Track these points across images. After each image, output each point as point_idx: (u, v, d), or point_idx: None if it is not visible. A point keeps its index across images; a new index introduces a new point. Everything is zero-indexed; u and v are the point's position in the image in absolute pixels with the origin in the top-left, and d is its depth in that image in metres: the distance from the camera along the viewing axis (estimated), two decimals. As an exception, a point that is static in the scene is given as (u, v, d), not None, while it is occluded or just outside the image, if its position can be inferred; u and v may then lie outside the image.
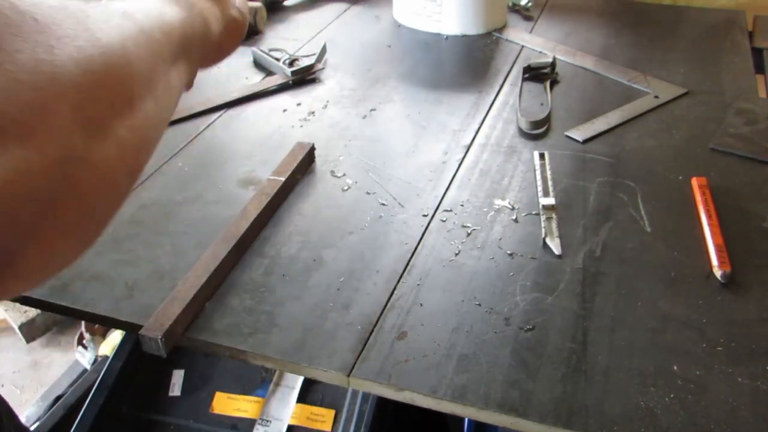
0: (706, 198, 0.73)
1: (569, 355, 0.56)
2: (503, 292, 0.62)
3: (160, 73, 0.35)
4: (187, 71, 0.41)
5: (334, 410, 0.87)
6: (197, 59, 0.45)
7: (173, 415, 0.89)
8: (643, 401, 0.52)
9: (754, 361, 0.55)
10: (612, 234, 0.69)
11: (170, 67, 0.37)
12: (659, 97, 0.95)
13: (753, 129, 0.86)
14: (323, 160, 0.82)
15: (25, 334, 1.70)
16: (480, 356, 0.55)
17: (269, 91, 0.99)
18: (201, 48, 0.45)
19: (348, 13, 1.28)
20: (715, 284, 0.63)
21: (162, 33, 0.37)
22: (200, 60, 0.46)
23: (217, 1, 0.50)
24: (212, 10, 0.48)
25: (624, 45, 1.12)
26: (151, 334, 0.55)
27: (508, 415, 0.51)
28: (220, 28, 0.49)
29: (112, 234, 0.70)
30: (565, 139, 0.86)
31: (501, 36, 1.17)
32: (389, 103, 0.96)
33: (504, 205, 0.74)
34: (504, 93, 0.98)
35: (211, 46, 0.48)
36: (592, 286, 0.63)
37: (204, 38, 0.46)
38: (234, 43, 0.55)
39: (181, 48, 0.40)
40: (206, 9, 0.47)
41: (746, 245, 0.67)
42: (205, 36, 0.46)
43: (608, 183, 0.77)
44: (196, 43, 0.43)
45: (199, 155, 0.84)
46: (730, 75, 1.01)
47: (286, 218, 0.72)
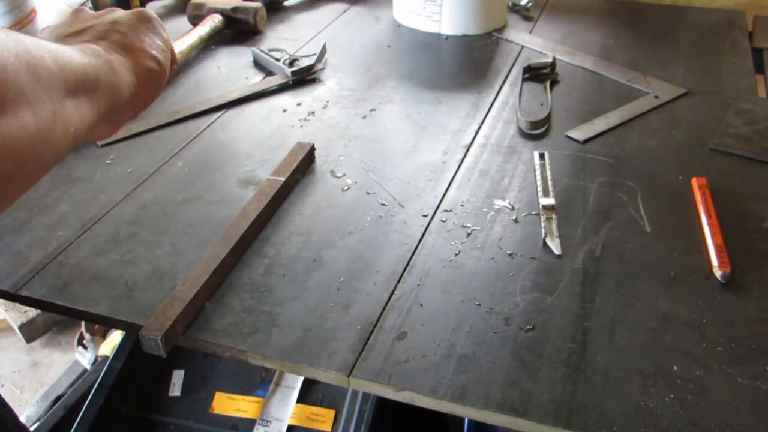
0: (705, 198, 0.73)
1: (569, 355, 0.56)
2: (503, 292, 0.62)
3: (45, 95, 0.38)
4: (91, 112, 0.44)
5: (334, 410, 0.87)
6: (105, 104, 0.47)
7: (173, 416, 0.89)
8: (643, 401, 0.52)
9: (754, 361, 0.55)
10: (612, 234, 0.69)
11: (64, 97, 0.40)
12: (659, 97, 0.95)
13: (753, 129, 0.86)
14: (323, 160, 0.82)
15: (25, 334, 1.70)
16: (480, 356, 0.55)
17: (269, 91, 0.99)
18: (110, 94, 0.47)
19: (348, 14, 1.28)
20: (715, 284, 0.63)
21: (55, 63, 0.40)
22: (111, 106, 0.48)
23: (129, 53, 0.52)
24: (122, 61, 0.50)
25: (624, 45, 1.12)
26: (151, 334, 0.55)
27: (508, 415, 0.51)
28: (133, 79, 0.51)
29: (112, 234, 0.70)
30: (565, 139, 0.86)
31: (501, 36, 1.17)
32: (389, 103, 0.96)
33: (504, 206, 0.74)
34: (504, 93, 0.98)
35: (124, 96, 0.50)
36: (592, 286, 0.63)
37: (113, 86, 0.47)
38: (152, 92, 0.56)
39: (79, 84, 0.43)
40: (115, 59, 0.49)
41: (746, 245, 0.67)
42: (115, 84, 0.48)
43: (608, 183, 0.77)
44: (102, 87, 0.46)
45: (199, 155, 0.84)
46: (729, 75, 1.01)
47: (286, 218, 0.72)
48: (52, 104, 0.39)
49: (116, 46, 0.51)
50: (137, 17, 0.55)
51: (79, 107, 0.42)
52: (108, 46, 0.50)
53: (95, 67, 0.45)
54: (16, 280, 0.64)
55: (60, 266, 0.66)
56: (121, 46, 0.51)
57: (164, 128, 0.89)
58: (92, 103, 0.44)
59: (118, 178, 0.79)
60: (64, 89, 0.40)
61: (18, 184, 0.37)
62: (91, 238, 0.69)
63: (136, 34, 0.53)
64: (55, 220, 0.72)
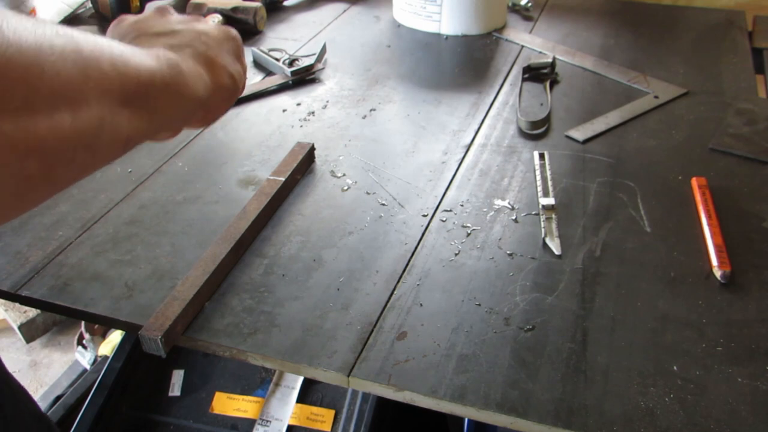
0: (705, 198, 0.73)
1: (569, 355, 0.56)
2: (503, 292, 0.62)
3: (93, 99, 0.36)
4: (150, 121, 0.42)
5: (334, 410, 0.87)
6: (169, 115, 0.45)
7: (173, 415, 0.89)
8: (642, 401, 0.52)
9: (753, 361, 0.55)
10: (612, 234, 0.69)
11: (119, 104, 0.38)
12: (659, 97, 0.95)
13: (753, 129, 0.86)
14: (323, 160, 0.82)
15: (24, 334, 1.70)
16: (480, 356, 0.55)
17: (269, 91, 0.99)
18: (176, 106, 0.45)
19: (348, 13, 1.28)
20: (715, 284, 0.63)
21: (113, 67, 0.38)
22: (176, 117, 0.46)
23: (210, 67, 0.50)
24: (200, 74, 0.49)
25: (624, 45, 1.12)
26: (151, 334, 0.55)
27: (508, 415, 0.51)
28: (207, 93, 0.49)
29: (112, 234, 0.70)
30: (564, 139, 0.86)
31: (501, 36, 1.17)
32: (389, 103, 0.96)
33: (504, 205, 0.74)
34: (504, 93, 0.98)
35: (192, 109, 0.48)
36: (592, 286, 0.63)
37: (181, 98, 0.46)
38: (222, 108, 0.54)
39: (141, 92, 0.40)
40: (191, 71, 0.48)
41: (746, 245, 0.67)
42: (184, 96, 0.46)
43: (608, 183, 0.77)
44: (168, 98, 0.44)
45: (199, 155, 0.84)
46: (729, 75, 1.01)
47: (285, 218, 0.72)
48: (101, 109, 0.36)
49: (200, 58, 0.49)
50: (225, 34, 0.55)
51: (137, 115, 0.40)
52: (191, 55, 0.49)
53: (165, 77, 0.43)
54: (16, 280, 0.64)
55: (60, 266, 0.66)
56: (204, 58, 0.50)
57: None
58: (153, 114, 0.42)
59: (117, 177, 0.79)
60: (119, 95, 0.38)
61: (46, 185, 0.35)
62: (90, 238, 0.69)
63: (221, 51, 0.53)
64: (54, 220, 0.72)
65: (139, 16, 0.54)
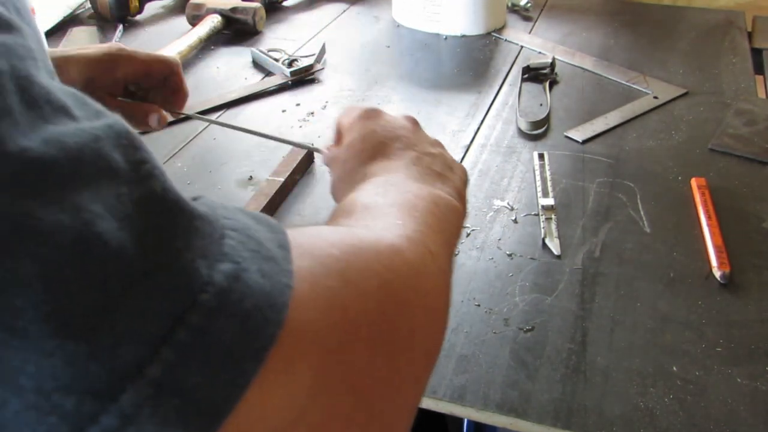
0: (705, 198, 0.73)
1: (568, 355, 0.56)
2: (502, 292, 0.62)
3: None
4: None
5: (333, 411, 0.87)
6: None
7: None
8: (642, 402, 0.52)
9: (753, 362, 0.55)
10: (611, 234, 0.69)
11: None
12: (658, 97, 0.95)
13: (752, 130, 0.86)
14: (322, 161, 0.82)
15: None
16: (479, 357, 0.55)
17: (268, 91, 0.99)
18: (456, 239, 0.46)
19: (347, 14, 1.28)
20: (715, 285, 0.63)
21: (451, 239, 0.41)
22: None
23: (462, 200, 0.49)
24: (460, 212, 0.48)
25: (623, 45, 1.12)
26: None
27: (507, 416, 0.51)
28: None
29: (111, 234, 0.70)
30: (564, 139, 0.86)
31: (500, 36, 1.17)
32: (388, 103, 0.96)
33: (503, 206, 0.74)
34: (503, 93, 0.98)
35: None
36: (592, 287, 0.63)
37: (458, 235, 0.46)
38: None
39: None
40: (461, 211, 0.47)
41: (745, 246, 0.67)
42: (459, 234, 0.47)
43: (607, 183, 0.77)
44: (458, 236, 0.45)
45: (198, 156, 0.83)
46: (729, 75, 1.01)
47: (285, 219, 0.72)
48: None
49: (455, 193, 0.47)
50: (440, 145, 0.53)
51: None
52: (450, 193, 0.46)
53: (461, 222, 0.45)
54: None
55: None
56: (461, 196, 0.48)
57: (164, 128, 0.89)
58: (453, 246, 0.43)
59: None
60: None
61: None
62: (89, 239, 0.69)
63: (453, 173, 0.50)
64: (53, 220, 0.72)
65: (391, 125, 0.52)
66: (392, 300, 0.30)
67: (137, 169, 0.22)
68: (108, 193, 0.21)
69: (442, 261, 0.37)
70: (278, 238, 0.26)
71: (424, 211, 0.39)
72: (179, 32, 1.12)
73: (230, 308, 0.22)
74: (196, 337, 0.21)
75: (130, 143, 0.23)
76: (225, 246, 0.23)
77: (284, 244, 0.26)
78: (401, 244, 0.33)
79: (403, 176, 0.45)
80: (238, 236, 0.24)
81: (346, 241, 0.31)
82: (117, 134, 0.23)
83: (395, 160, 0.47)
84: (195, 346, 0.21)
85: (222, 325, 0.22)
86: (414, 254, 0.34)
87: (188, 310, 0.21)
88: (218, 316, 0.22)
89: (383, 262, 0.31)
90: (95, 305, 0.20)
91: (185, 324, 0.21)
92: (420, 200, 0.40)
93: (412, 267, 0.33)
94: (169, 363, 0.20)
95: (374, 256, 0.31)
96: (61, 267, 0.19)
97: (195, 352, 0.21)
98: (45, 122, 0.21)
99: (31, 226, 0.19)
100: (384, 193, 0.41)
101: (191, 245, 0.23)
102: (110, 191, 0.21)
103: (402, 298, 0.31)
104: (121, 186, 0.21)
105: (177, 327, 0.21)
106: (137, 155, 0.23)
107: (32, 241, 0.19)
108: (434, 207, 0.41)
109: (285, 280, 0.24)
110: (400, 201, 0.40)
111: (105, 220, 0.20)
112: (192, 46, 1.07)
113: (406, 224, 0.36)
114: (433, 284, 0.35)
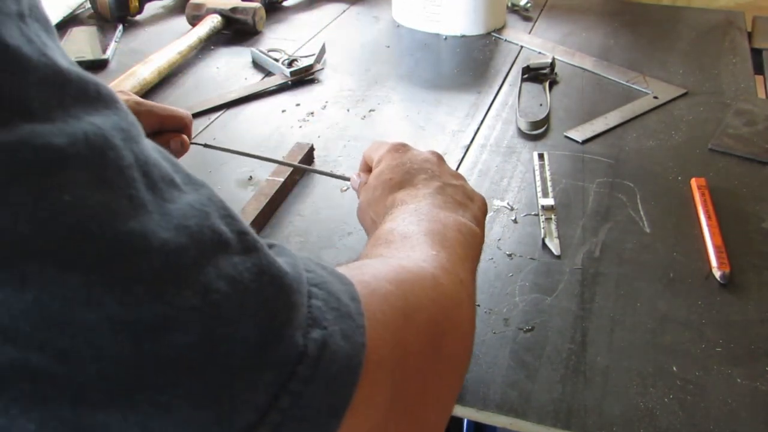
0: (705, 199, 0.73)
1: (568, 355, 0.56)
2: (502, 292, 0.62)
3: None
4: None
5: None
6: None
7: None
8: (642, 402, 0.52)
9: (753, 362, 0.55)
10: (611, 234, 0.69)
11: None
12: (658, 97, 0.95)
13: (752, 130, 0.86)
14: (322, 161, 0.82)
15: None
16: (479, 357, 0.55)
17: (268, 91, 0.99)
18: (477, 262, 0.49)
19: (347, 14, 1.28)
20: (714, 285, 0.63)
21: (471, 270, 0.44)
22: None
23: (481, 226, 0.52)
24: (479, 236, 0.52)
25: (623, 45, 1.12)
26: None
27: (507, 416, 0.51)
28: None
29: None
30: (564, 139, 0.86)
31: (500, 36, 1.17)
32: (388, 103, 0.96)
33: (503, 206, 0.74)
34: (503, 93, 0.98)
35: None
36: (591, 287, 0.63)
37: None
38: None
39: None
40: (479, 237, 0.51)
41: (745, 246, 0.67)
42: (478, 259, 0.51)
43: (607, 183, 0.77)
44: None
45: (198, 155, 0.83)
46: (729, 76, 1.01)
47: (285, 219, 0.72)
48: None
49: (474, 220, 0.50)
50: (461, 178, 0.56)
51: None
52: (471, 220, 0.50)
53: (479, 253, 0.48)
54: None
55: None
56: (477, 220, 0.51)
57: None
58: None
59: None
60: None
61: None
62: (89, 239, 0.69)
63: (473, 203, 0.53)
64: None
65: (417, 158, 0.56)
66: (437, 331, 0.34)
67: (242, 240, 0.25)
68: (225, 264, 0.24)
69: (470, 287, 0.41)
70: (349, 290, 0.30)
71: (453, 240, 0.43)
72: (179, 32, 1.12)
73: (321, 374, 0.26)
74: (294, 403, 0.25)
75: (227, 213, 0.26)
76: (313, 308, 0.27)
77: (355, 296, 0.30)
78: (440, 276, 0.37)
79: (429, 204, 0.48)
80: (321, 294, 0.28)
81: (399, 277, 0.35)
82: (218, 206, 0.26)
83: (422, 188, 0.51)
84: (294, 409, 0.25)
85: (314, 390, 0.25)
86: (449, 285, 0.38)
87: (289, 380, 0.25)
88: (311, 383, 0.25)
89: (430, 296, 0.35)
90: (223, 380, 0.23)
91: (287, 391, 0.24)
92: (448, 229, 0.44)
93: (449, 298, 0.37)
94: (273, 426, 0.24)
95: (422, 291, 0.35)
96: (195, 349, 0.22)
97: (294, 415, 0.24)
98: (165, 201, 0.24)
99: (172, 317, 0.22)
100: (417, 222, 0.45)
101: (292, 319, 0.26)
102: (226, 263, 0.24)
103: (443, 328, 0.35)
104: (233, 257, 0.24)
105: (281, 394, 0.24)
106: (237, 225, 0.26)
107: (171, 330, 0.22)
108: (460, 235, 0.45)
109: (360, 339, 0.28)
110: (433, 230, 0.44)
111: (228, 299, 0.23)
112: (192, 46, 1.07)
113: (440, 254, 0.40)
114: (465, 312, 0.38)
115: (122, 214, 0.22)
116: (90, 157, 0.22)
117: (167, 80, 1.00)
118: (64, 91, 0.22)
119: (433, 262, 0.39)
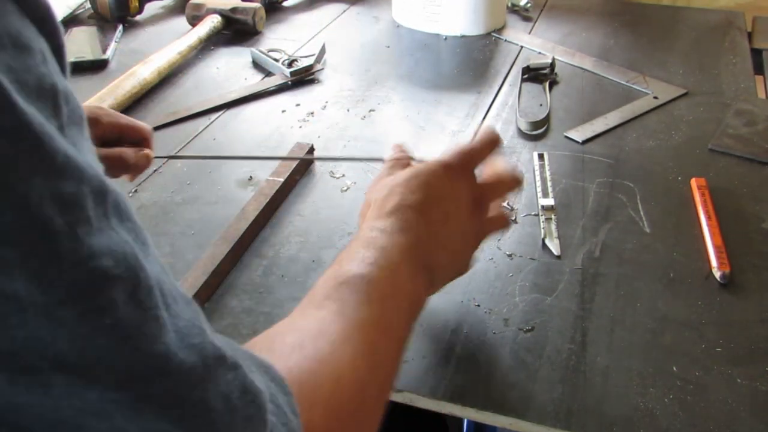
0: (705, 199, 0.73)
1: (568, 355, 0.56)
2: (502, 292, 0.62)
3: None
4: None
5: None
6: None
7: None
8: (642, 402, 0.52)
9: (753, 362, 0.55)
10: (611, 235, 0.69)
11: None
12: (658, 97, 0.95)
13: (752, 130, 0.86)
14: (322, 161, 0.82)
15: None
16: (479, 357, 0.55)
17: (268, 91, 0.99)
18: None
19: (347, 14, 1.28)
20: (715, 285, 0.63)
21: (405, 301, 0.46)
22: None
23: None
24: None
25: (623, 45, 1.12)
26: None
27: (507, 416, 0.51)
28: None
29: (111, 235, 0.70)
30: (564, 139, 0.86)
31: (500, 36, 1.17)
32: (388, 103, 0.96)
33: (503, 206, 0.74)
34: (503, 94, 0.98)
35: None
36: (591, 287, 0.63)
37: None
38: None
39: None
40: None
41: (745, 246, 0.67)
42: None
43: (607, 184, 0.77)
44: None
45: (198, 156, 0.83)
46: (729, 76, 1.01)
47: (285, 219, 0.72)
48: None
49: (434, 284, 0.52)
50: (480, 216, 0.56)
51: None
52: (428, 286, 0.50)
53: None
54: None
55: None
56: (438, 283, 0.53)
57: (163, 129, 0.89)
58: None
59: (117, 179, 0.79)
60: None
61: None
62: (89, 239, 0.69)
63: (452, 269, 0.54)
64: (53, 220, 0.72)
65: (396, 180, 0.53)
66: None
67: (230, 355, 0.28)
68: (222, 381, 0.26)
69: (388, 363, 0.42)
70: (289, 400, 0.32)
71: (396, 328, 0.43)
72: (179, 32, 1.12)
73: None
74: None
75: (210, 326, 0.28)
76: (269, 423, 0.28)
77: (294, 408, 0.32)
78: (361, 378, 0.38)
79: (398, 261, 0.46)
80: (273, 409, 0.30)
81: (326, 375, 0.36)
82: (203, 319, 0.28)
83: (404, 234, 0.48)
84: None
85: None
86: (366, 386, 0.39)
87: None
88: None
89: (346, 394, 0.37)
90: None
91: None
92: (399, 312, 0.44)
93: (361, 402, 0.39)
94: None
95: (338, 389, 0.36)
96: None
97: None
98: (175, 318, 0.25)
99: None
100: (378, 268, 0.44)
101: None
102: (222, 379, 0.26)
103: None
104: (227, 373, 0.27)
105: None
106: (222, 339, 0.28)
107: None
108: (409, 317, 0.45)
109: None
110: (382, 309, 0.43)
111: (222, 417, 0.25)
112: (192, 46, 1.07)
113: (376, 346, 0.41)
114: (373, 408, 0.40)
115: (151, 336, 0.23)
116: (128, 279, 0.23)
117: (167, 80, 1.00)
118: (106, 201, 0.23)
119: (360, 356, 0.39)
